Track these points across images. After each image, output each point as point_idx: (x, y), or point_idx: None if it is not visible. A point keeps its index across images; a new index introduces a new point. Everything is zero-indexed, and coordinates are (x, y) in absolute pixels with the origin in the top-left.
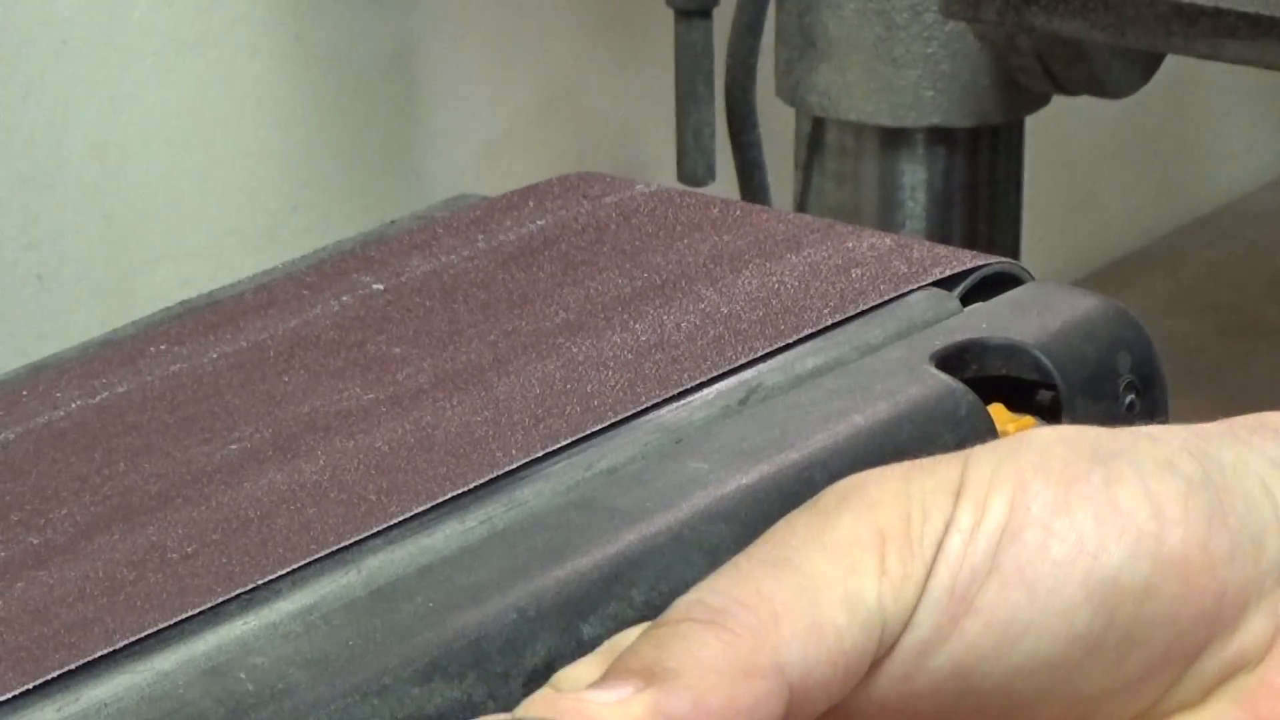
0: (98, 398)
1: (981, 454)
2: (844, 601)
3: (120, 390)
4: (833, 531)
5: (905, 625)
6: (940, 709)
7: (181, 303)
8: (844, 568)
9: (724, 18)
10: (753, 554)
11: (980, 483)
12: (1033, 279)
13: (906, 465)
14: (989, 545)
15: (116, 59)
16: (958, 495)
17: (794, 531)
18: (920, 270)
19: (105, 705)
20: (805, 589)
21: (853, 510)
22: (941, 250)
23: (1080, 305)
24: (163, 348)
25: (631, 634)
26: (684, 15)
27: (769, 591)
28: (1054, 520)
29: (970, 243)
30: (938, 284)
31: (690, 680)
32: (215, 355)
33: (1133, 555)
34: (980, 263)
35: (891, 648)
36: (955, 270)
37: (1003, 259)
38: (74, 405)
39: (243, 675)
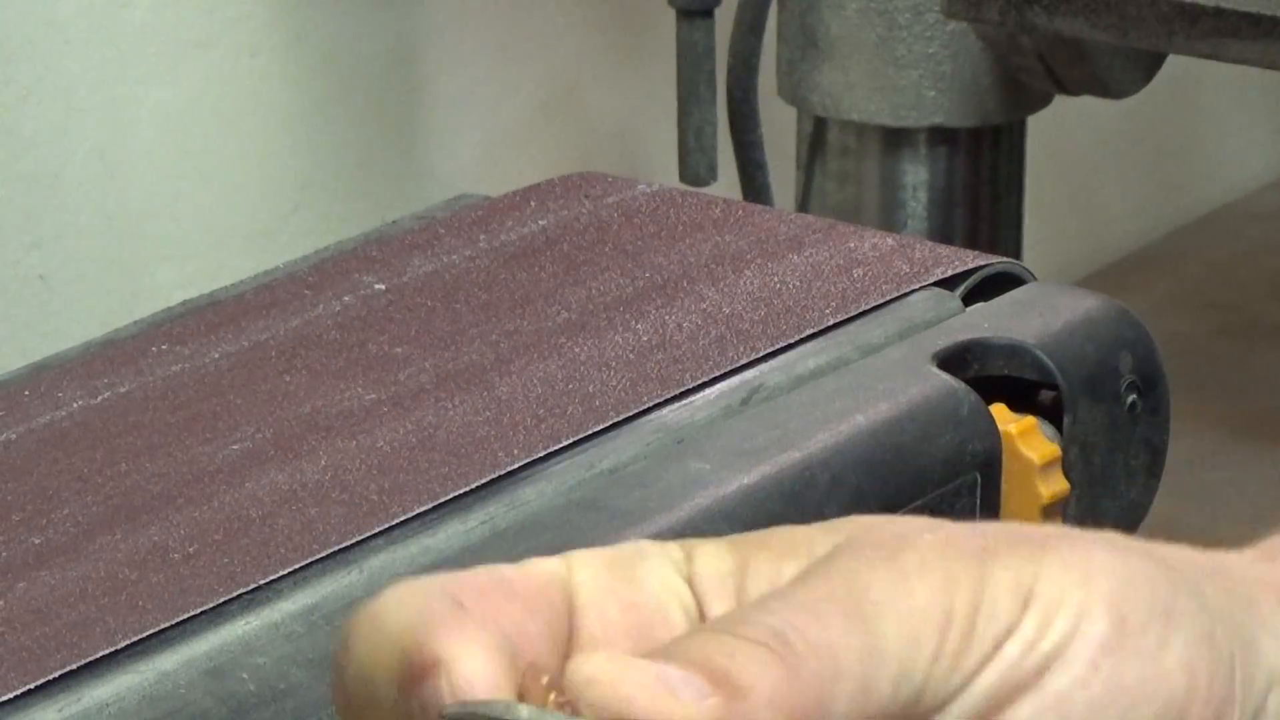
0: (100, 397)
1: (1057, 565)
2: (897, 675)
3: (122, 390)
4: (908, 599)
5: (938, 709)
6: None
7: (183, 303)
8: (908, 640)
9: (726, 17)
10: (827, 591)
11: (1051, 598)
12: (1034, 279)
13: (985, 544)
14: (1040, 663)
15: (119, 59)
16: (1027, 603)
17: (873, 584)
18: (922, 270)
19: (107, 705)
20: (870, 654)
21: (931, 585)
22: (943, 250)
23: (1082, 305)
24: (165, 348)
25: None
26: (686, 15)
27: (840, 646)
28: (1104, 661)
29: (972, 243)
30: (939, 284)
31: (758, 708)
32: (217, 355)
33: (1158, 718)
34: (982, 263)
35: None
36: (957, 270)
37: (1004, 259)
38: (76, 405)
39: (245, 675)
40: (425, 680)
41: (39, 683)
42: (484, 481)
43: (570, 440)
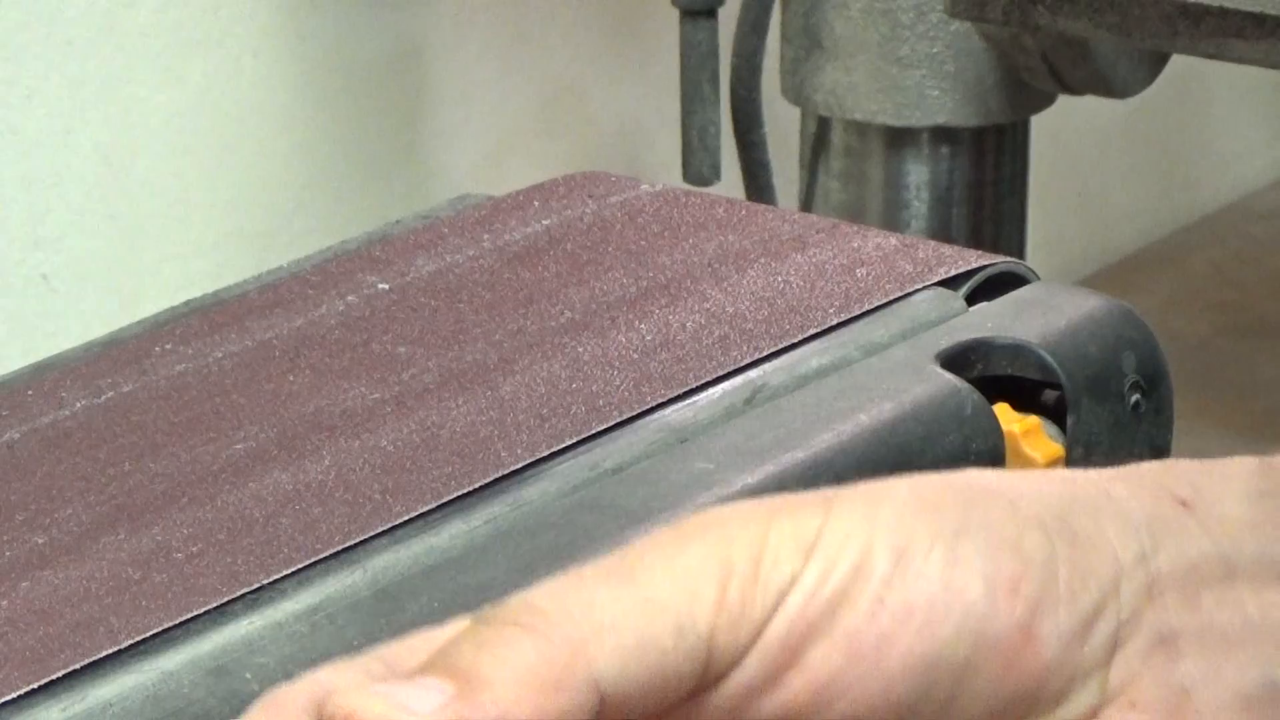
0: (103, 397)
1: (841, 508)
2: (675, 626)
3: (125, 390)
4: (682, 556)
5: (735, 664)
6: None
7: (186, 302)
8: (685, 593)
9: (729, 17)
10: (600, 564)
11: (833, 543)
12: (1038, 278)
13: (771, 505)
14: (826, 607)
15: (121, 59)
16: (809, 552)
17: (647, 549)
18: (925, 270)
19: (110, 705)
20: (640, 606)
21: (708, 541)
22: (946, 250)
23: (1085, 305)
24: (168, 347)
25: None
26: (689, 15)
27: (602, 603)
28: (888, 594)
29: (975, 242)
30: (943, 284)
31: (500, 692)
32: (220, 355)
33: (957, 635)
34: (985, 262)
35: (718, 682)
36: (960, 270)
37: (1008, 259)
38: (79, 405)
39: (248, 675)
40: None
41: (42, 682)
42: (487, 481)
43: (574, 440)
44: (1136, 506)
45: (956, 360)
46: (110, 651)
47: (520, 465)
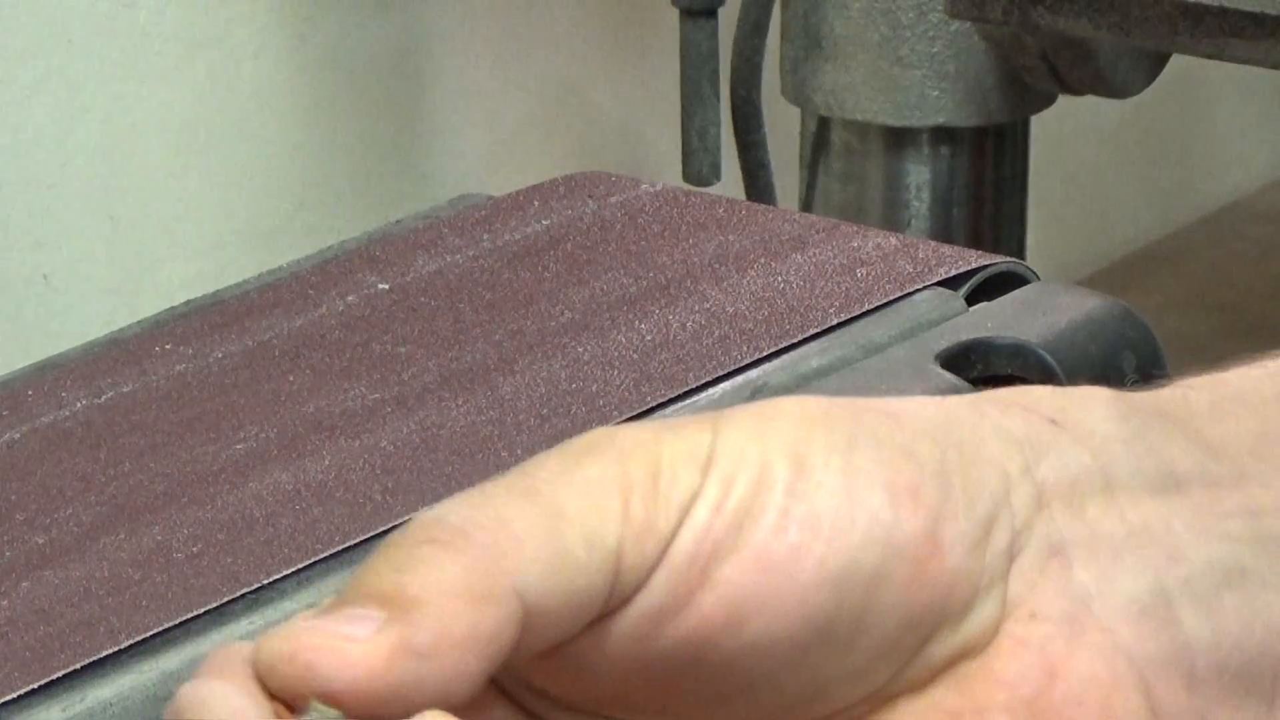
0: (103, 397)
1: (730, 426)
2: (585, 538)
3: (125, 390)
4: (581, 471)
5: (643, 583)
6: (672, 676)
7: (187, 302)
8: (589, 506)
9: (729, 17)
10: (500, 482)
11: (729, 457)
12: (1038, 278)
13: (658, 425)
14: (732, 523)
15: (122, 58)
16: (706, 468)
17: (543, 466)
18: (925, 270)
19: (110, 705)
20: (549, 519)
21: (602, 457)
22: (946, 250)
23: (1085, 305)
24: (168, 347)
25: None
26: (689, 15)
27: (511, 516)
28: (793, 505)
29: (975, 242)
30: (943, 284)
31: (433, 610)
32: (220, 355)
33: (865, 543)
34: (985, 262)
35: (626, 602)
36: (960, 270)
37: (1008, 259)
38: (79, 405)
39: None
40: None
41: (42, 682)
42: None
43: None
44: (1011, 425)
45: (956, 360)
46: (110, 651)
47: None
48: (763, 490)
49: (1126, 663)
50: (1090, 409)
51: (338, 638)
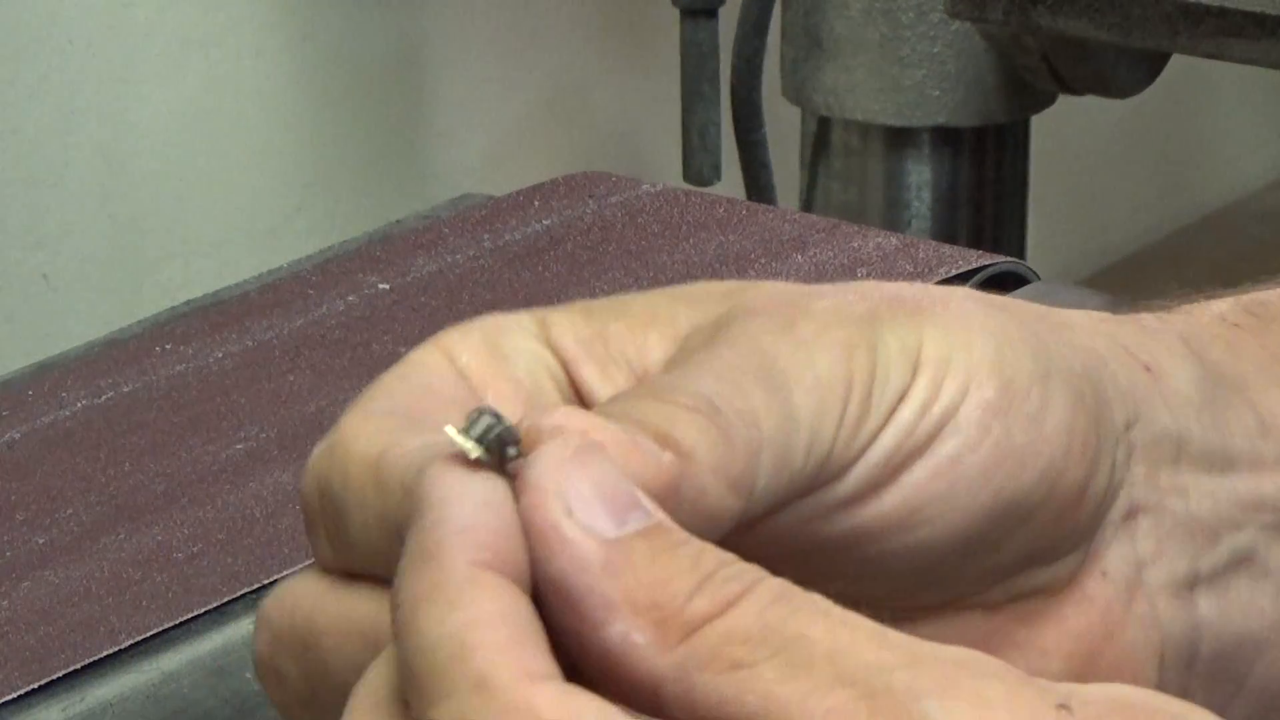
0: (103, 397)
1: (936, 328)
2: (808, 444)
3: (126, 390)
4: (812, 368)
5: (838, 476)
6: (816, 555)
7: (187, 302)
8: (816, 409)
9: (729, 17)
10: (740, 359)
11: (938, 362)
12: (1038, 278)
13: (871, 308)
14: (932, 427)
15: (122, 58)
16: (916, 368)
17: (778, 354)
18: (926, 270)
19: (111, 705)
20: (787, 424)
21: (831, 351)
22: (947, 250)
23: (1086, 304)
24: (168, 347)
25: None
26: (689, 15)
27: (761, 416)
28: (993, 424)
29: (976, 242)
30: (943, 283)
31: (701, 470)
32: (221, 355)
33: (1038, 482)
34: (986, 262)
35: (814, 490)
36: (961, 270)
37: (1008, 258)
38: (79, 405)
39: (248, 675)
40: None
41: (43, 682)
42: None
43: None
44: (1119, 370)
45: None
46: (111, 651)
47: None
48: (966, 402)
49: (1159, 639)
50: (1176, 366)
51: (632, 442)
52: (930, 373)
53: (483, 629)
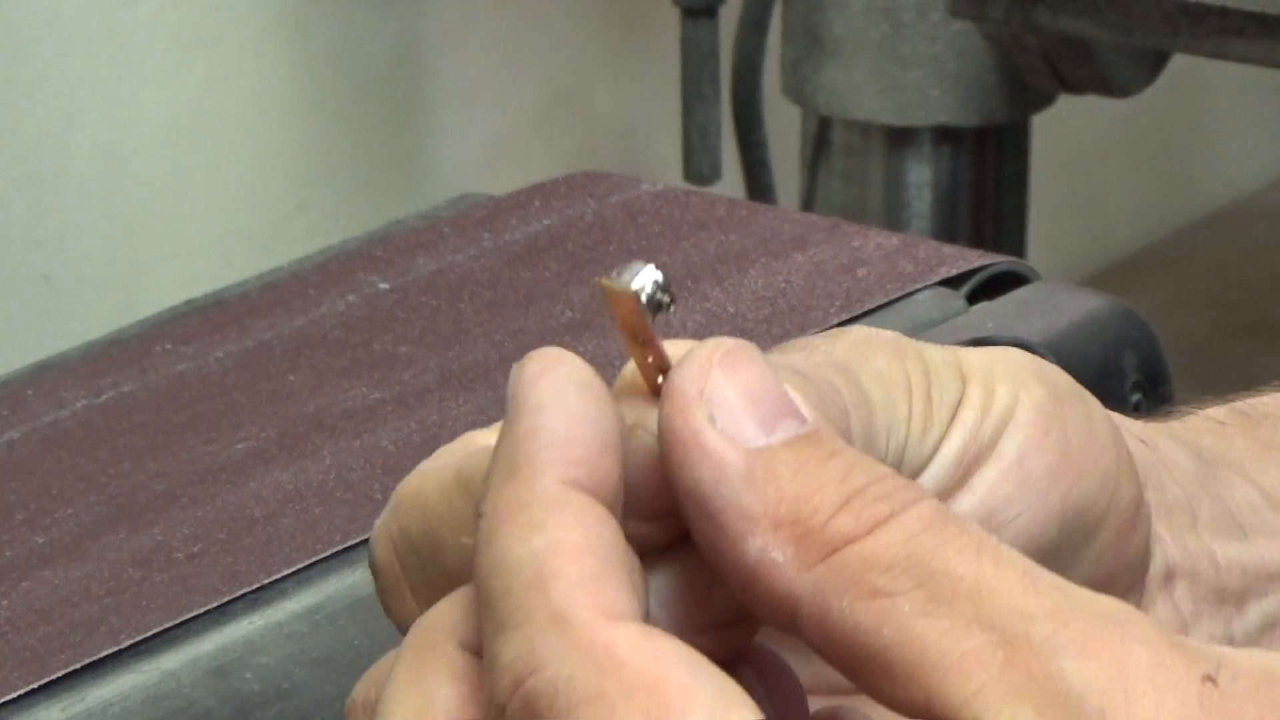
0: (103, 397)
1: (969, 352)
2: (887, 428)
3: (126, 389)
4: (872, 362)
5: (914, 477)
6: None
7: (187, 302)
8: (885, 396)
9: (729, 17)
10: (812, 352)
11: (984, 370)
12: (1039, 278)
13: (898, 336)
14: (996, 427)
15: (122, 58)
16: (964, 377)
17: (835, 345)
18: (926, 269)
19: (111, 705)
20: (863, 406)
21: (885, 350)
22: (947, 249)
23: (1086, 304)
24: (168, 347)
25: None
26: (690, 14)
27: (849, 407)
28: (1051, 426)
29: (976, 242)
30: (944, 283)
31: (827, 434)
32: (221, 354)
33: (1100, 489)
34: (986, 262)
35: None
36: (961, 269)
37: (1009, 258)
38: (79, 404)
39: (248, 675)
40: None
41: (42, 682)
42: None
43: None
44: (1129, 442)
45: None
46: (110, 651)
47: None
48: (1021, 405)
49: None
50: (1171, 446)
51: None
52: (980, 378)
53: (565, 558)
